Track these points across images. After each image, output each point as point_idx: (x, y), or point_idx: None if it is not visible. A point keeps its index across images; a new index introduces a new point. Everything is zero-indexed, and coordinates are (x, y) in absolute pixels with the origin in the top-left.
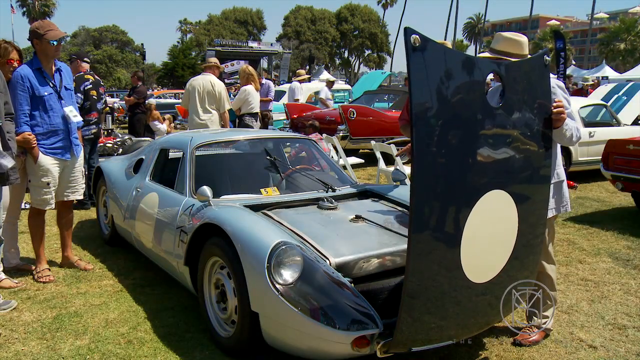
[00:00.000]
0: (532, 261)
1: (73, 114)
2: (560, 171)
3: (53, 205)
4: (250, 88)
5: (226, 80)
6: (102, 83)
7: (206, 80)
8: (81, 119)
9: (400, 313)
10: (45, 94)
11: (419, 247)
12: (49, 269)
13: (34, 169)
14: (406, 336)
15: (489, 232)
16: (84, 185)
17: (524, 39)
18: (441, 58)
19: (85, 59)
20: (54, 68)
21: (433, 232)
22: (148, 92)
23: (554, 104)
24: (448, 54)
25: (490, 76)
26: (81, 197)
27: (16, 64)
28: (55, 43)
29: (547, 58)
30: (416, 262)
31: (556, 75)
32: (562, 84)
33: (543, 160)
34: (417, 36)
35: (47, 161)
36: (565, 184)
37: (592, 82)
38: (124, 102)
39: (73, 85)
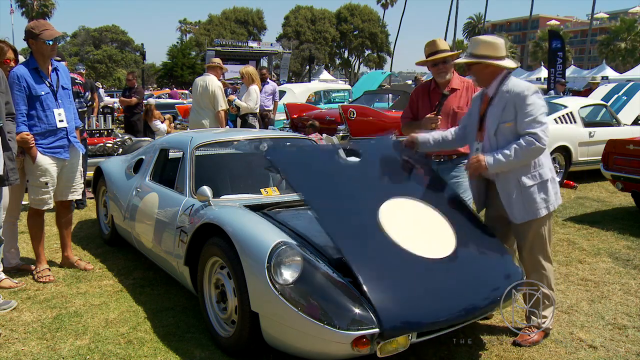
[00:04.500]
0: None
1: (60, 118)
2: (542, 172)
3: (52, 206)
4: (257, 88)
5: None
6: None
7: (203, 80)
8: (67, 125)
9: (369, 296)
10: (42, 93)
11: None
12: (49, 269)
13: (32, 168)
14: (393, 314)
15: (405, 218)
16: (82, 185)
17: (500, 41)
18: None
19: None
20: (50, 68)
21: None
22: (146, 92)
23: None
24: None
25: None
26: (80, 197)
27: (12, 64)
28: (50, 42)
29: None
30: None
31: (553, 76)
32: (534, 87)
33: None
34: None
35: (45, 161)
36: (549, 184)
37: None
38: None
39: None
